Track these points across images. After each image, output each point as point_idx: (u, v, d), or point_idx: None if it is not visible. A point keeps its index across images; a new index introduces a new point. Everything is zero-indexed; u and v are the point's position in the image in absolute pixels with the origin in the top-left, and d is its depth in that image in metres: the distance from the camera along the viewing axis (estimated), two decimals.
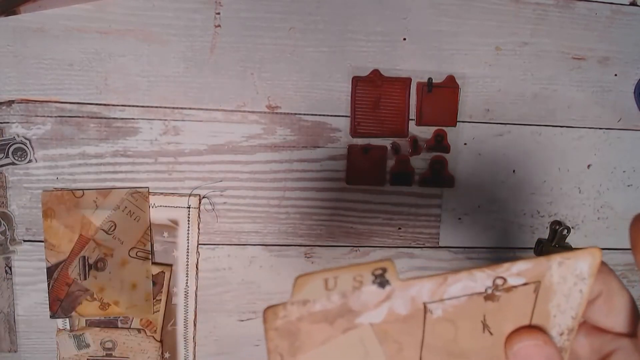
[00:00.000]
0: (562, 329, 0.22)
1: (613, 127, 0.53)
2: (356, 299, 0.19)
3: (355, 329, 0.20)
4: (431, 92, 0.48)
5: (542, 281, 0.21)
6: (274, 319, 0.19)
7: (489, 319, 0.21)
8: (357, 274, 0.19)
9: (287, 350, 0.20)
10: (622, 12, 0.51)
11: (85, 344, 0.47)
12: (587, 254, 0.21)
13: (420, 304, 0.20)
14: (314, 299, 0.19)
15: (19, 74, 0.44)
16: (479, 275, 0.20)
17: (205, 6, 0.45)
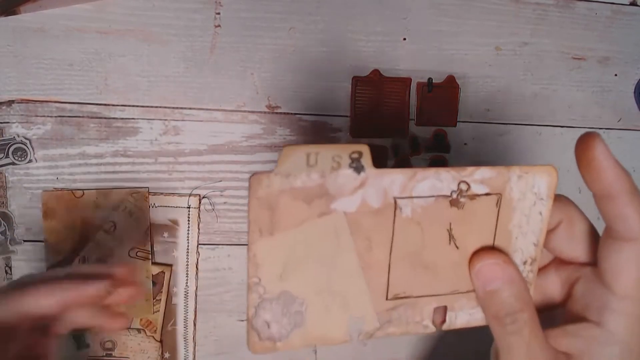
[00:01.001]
0: (524, 256, 0.23)
1: (613, 127, 0.53)
2: (333, 180, 0.20)
3: (330, 214, 0.21)
4: (431, 92, 0.48)
5: (504, 194, 0.22)
6: (258, 187, 0.20)
7: (455, 229, 0.22)
8: (336, 154, 0.20)
9: (267, 224, 0.20)
10: (622, 12, 0.51)
11: (85, 344, 0.47)
12: (544, 170, 0.22)
13: (391, 199, 0.21)
14: (295, 173, 0.20)
15: (19, 74, 0.44)
16: (445, 175, 0.22)
17: (205, 6, 0.45)
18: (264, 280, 0.21)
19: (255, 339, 0.21)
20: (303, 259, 0.21)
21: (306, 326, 0.22)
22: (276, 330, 0.22)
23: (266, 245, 0.21)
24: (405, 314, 0.23)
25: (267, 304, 0.21)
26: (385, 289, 0.22)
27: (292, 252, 0.21)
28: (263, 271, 0.21)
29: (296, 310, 0.22)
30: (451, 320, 0.24)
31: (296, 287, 0.21)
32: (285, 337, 0.22)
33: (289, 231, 0.21)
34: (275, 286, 0.21)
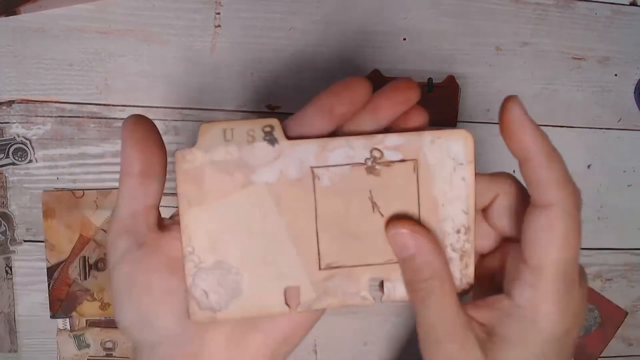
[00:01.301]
0: (456, 224, 0.23)
1: (613, 127, 0.53)
2: (250, 153, 0.22)
3: (252, 186, 0.22)
4: (431, 92, 0.48)
5: (419, 160, 0.23)
6: (182, 161, 0.22)
7: (376, 196, 0.23)
8: (249, 129, 0.22)
9: (194, 196, 0.22)
10: (622, 12, 0.51)
11: (85, 344, 0.47)
12: (457, 134, 0.23)
13: (307, 168, 0.22)
14: (215, 147, 0.22)
15: (19, 74, 0.44)
16: (356, 143, 0.22)
17: (205, 6, 0.45)
18: (198, 249, 0.22)
19: (195, 308, 0.22)
20: (234, 230, 0.22)
21: (244, 297, 0.23)
22: (215, 300, 0.22)
23: (196, 216, 0.22)
24: (341, 284, 0.23)
25: (204, 273, 0.22)
26: (317, 259, 0.23)
27: (222, 222, 0.22)
28: (196, 241, 0.22)
29: (232, 280, 0.22)
30: (389, 292, 0.24)
31: (230, 257, 0.22)
32: (224, 307, 0.22)
33: (217, 202, 0.22)
34: (209, 256, 0.22)
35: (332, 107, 0.22)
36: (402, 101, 0.22)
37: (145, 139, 0.23)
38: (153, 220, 0.23)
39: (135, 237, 0.23)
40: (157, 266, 0.23)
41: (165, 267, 0.23)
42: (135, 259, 0.23)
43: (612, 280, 0.55)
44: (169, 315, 0.23)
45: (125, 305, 0.23)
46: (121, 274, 0.23)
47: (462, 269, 0.24)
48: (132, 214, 0.23)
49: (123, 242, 0.23)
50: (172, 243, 0.23)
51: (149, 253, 0.23)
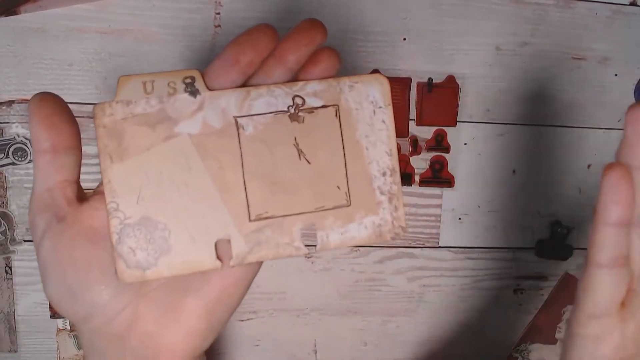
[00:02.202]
0: (381, 167, 0.24)
1: (613, 127, 0.53)
2: (172, 105, 0.22)
3: (175, 138, 0.22)
4: (431, 92, 0.48)
5: (340, 105, 0.23)
6: (102, 115, 0.21)
7: (302, 143, 0.23)
8: (170, 80, 0.22)
9: (115, 151, 0.22)
10: (622, 12, 0.51)
11: None
12: (374, 78, 0.23)
13: (231, 118, 0.22)
14: (135, 100, 0.21)
15: (19, 74, 0.44)
16: (278, 91, 0.22)
17: (205, 6, 0.46)
18: (122, 205, 0.22)
19: (122, 267, 0.22)
20: (157, 184, 0.22)
21: (173, 253, 0.22)
22: (142, 257, 0.22)
23: (119, 171, 0.22)
24: (273, 235, 0.23)
25: (130, 230, 0.22)
26: (246, 210, 0.23)
27: (145, 177, 0.22)
28: (120, 196, 0.22)
29: (160, 236, 0.22)
30: (323, 241, 0.23)
31: (155, 212, 0.22)
32: (153, 264, 0.22)
33: (139, 156, 0.22)
34: (134, 211, 0.22)
35: (237, 57, 0.22)
36: (307, 42, 0.22)
37: (51, 115, 0.22)
38: (72, 194, 0.23)
39: (54, 211, 0.22)
40: (78, 238, 0.22)
41: (87, 237, 0.22)
42: (56, 234, 0.22)
43: None
44: (95, 286, 0.22)
45: (51, 279, 0.22)
46: (44, 250, 0.22)
47: (392, 211, 0.24)
48: (48, 189, 0.22)
49: (43, 218, 0.22)
50: (92, 213, 0.23)
51: (70, 226, 0.22)
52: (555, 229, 0.52)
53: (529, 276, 0.53)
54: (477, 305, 0.53)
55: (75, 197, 0.23)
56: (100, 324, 0.22)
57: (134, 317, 0.23)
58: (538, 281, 0.54)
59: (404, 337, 0.52)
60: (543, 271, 0.54)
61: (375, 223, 0.24)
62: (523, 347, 0.55)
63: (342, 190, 0.23)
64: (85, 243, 0.22)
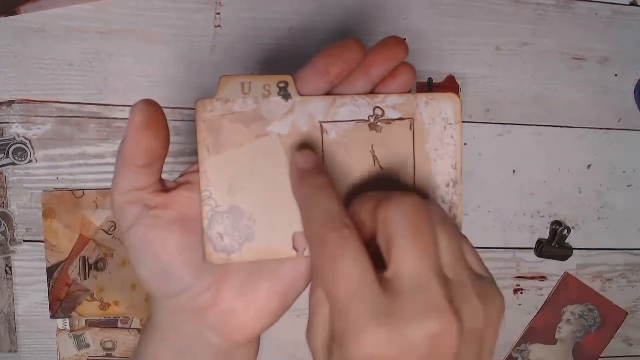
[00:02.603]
0: (445, 178, 0.25)
1: (613, 127, 0.53)
2: (266, 106, 0.24)
3: (267, 136, 0.24)
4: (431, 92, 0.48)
5: (415, 118, 0.25)
6: (203, 111, 0.24)
7: (377, 150, 0.25)
8: (265, 83, 0.24)
9: (212, 144, 0.24)
10: (622, 12, 0.51)
11: (85, 344, 0.47)
12: (447, 97, 0.25)
13: (317, 122, 0.24)
14: (233, 99, 0.23)
15: (19, 74, 0.44)
16: (361, 101, 0.24)
17: (205, 6, 0.45)
18: (215, 194, 0.24)
19: (210, 249, 0.24)
20: (248, 177, 0.24)
21: (255, 241, 0.24)
22: (229, 242, 0.24)
23: (214, 162, 0.24)
24: None
25: (219, 217, 0.24)
26: None
27: (238, 169, 0.24)
28: (213, 186, 0.24)
29: (245, 224, 0.24)
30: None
31: (244, 202, 0.24)
32: (237, 249, 0.24)
33: (233, 150, 0.24)
34: (225, 200, 0.24)
35: (327, 67, 0.23)
36: (392, 57, 0.24)
37: (153, 133, 0.23)
38: (158, 187, 0.25)
39: (144, 203, 0.24)
40: (170, 224, 0.24)
41: (178, 224, 0.24)
42: (147, 222, 0.24)
43: (612, 280, 0.55)
44: (184, 267, 0.24)
45: (143, 261, 0.24)
46: (136, 236, 0.24)
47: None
48: (136, 188, 0.24)
49: (132, 208, 0.24)
50: (181, 200, 0.24)
51: (161, 213, 0.24)
52: (555, 229, 0.52)
53: (528, 276, 0.53)
54: None
55: (161, 189, 0.25)
56: (187, 300, 0.24)
57: (216, 295, 0.24)
58: (538, 281, 0.54)
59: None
60: (543, 271, 0.54)
61: None
62: (523, 347, 0.55)
63: None
64: (176, 228, 0.24)
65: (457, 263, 0.21)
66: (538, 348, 0.55)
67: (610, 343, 0.56)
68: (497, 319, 0.22)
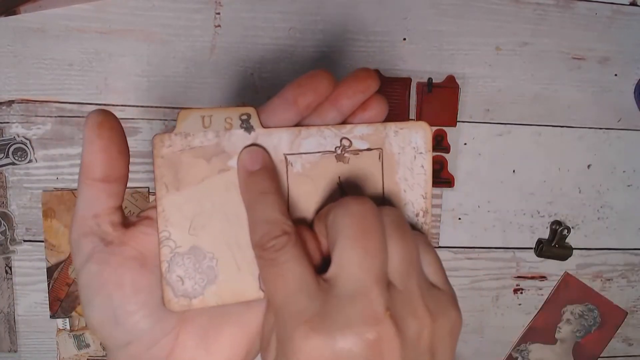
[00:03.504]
0: (415, 208, 0.25)
1: (613, 127, 0.53)
2: (227, 140, 0.23)
3: (229, 171, 0.23)
4: (431, 92, 0.48)
5: (384, 149, 0.24)
6: (160, 146, 0.22)
7: (344, 181, 0.24)
8: (227, 116, 0.23)
9: (171, 181, 0.22)
10: (622, 12, 0.51)
11: (85, 344, 0.47)
12: (418, 126, 0.24)
13: (281, 155, 0.23)
14: (193, 133, 0.22)
15: (19, 74, 0.44)
16: (327, 132, 0.23)
17: (205, 6, 0.45)
18: (174, 234, 0.22)
19: (170, 295, 0.22)
20: (209, 215, 0.23)
21: (219, 282, 0.23)
22: (190, 286, 0.22)
23: (173, 200, 0.22)
24: None
25: (179, 258, 0.22)
26: None
27: (199, 207, 0.22)
28: (172, 225, 0.22)
29: (208, 266, 0.22)
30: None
31: (205, 241, 0.22)
32: (200, 294, 0.22)
33: (193, 187, 0.22)
34: (185, 240, 0.22)
35: (296, 98, 0.22)
36: (362, 90, 0.23)
37: (110, 143, 0.22)
38: (117, 219, 0.23)
39: (100, 236, 0.22)
40: (127, 262, 0.22)
41: (136, 262, 0.22)
42: (103, 258, 0.22)
43: (612, 280, 0.55)
44: (140, 312, 0.22)
45: (95, 303, 0.22)
46: (90, 273, 0.22)
47: None
48: (94, 215, 0.22)
49: (88, 242, 0.22)
50: (140, 237, 0.23)
51: (117, 250, 0.22)
52: (555, 229, 0.52)
53: (528, 276, 0.53)
54: (477, 305, 0.53)
55: (121, 223, 0.23)
56: (140, 351, 0.22)
57: (174, 344, 0.22)
58: (538, 281, 0.54)
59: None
60: (543, 271, 0.54)
61: None
62: (523, 347, 0.55)
63: None
64: (133, 267, 0.22)
65: (408, 272, 0.20)
66: (538, 348, 0.55)
67: (610, 343, 0.56)
68: (448, 334, 0.21)
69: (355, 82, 0.23)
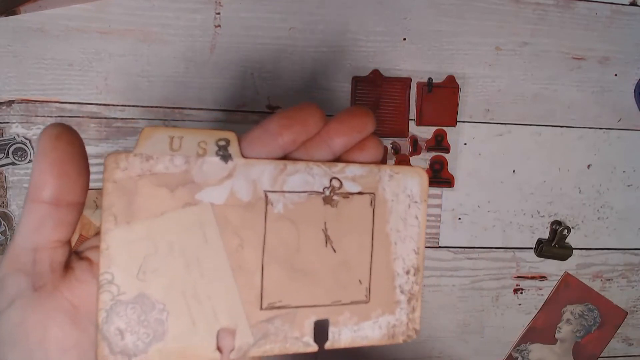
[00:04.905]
0: (406, 265, 0.22)
1: (613, 127, 0.53)
2: (199, 168, 0.19)
3: (196, 205, 0.19)
4: (431, 92, 0.48)
5: (376, 194, 0.21)
6: (114, 168, 0.18)
7: (330, 230, 0.21)
8: (202, 140, 0.19)
9: (123, 212, 0.18)
10: (622, 12, 0.51)
11: None
12: (414, 171, 0.22)
13: (261, 192, 0.20)
14: (157, 156, 0.19)
15: (19, 74, 0.44)
16: (316, 170, 0.20)
17: (205, 6, 0.46)
18: (118, 277, 0.18)
19: (105, 351, 0.18)
20: (164, 257, 0.19)
21: (168, 339, 0.19)
22: (131, 342, 0.19)
23: (122, 236, 0.18)
24: (282, 327, 0.20)
25: (122, 307, 0.19)
26: (259, 296, 0.20)
27: (152, 246, 0.19)
28: (117, 266, 0.18)
29: (156, 319, 0.19)
30: (334, 338, 0.21)
31: (156, 289, 0.19)
32: (142, 351, 0.19)
33: (149, 221, 0.19)
34: (131, 286, 0.19)
35: (281, 130, 0.19)
36: (359, 128, 0.20)
37: (64, 161, 0.18)
38: (60, 259, 0.19)
39: (32, 277, 0.19)
40: (55, 314, 0.18)
41: (66, 316, 0.19)
42: (28, 305, 0.18)
43: (612, 280, 0.55)
44: None
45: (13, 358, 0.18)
46: (10, 321, 0.18)
47: (409, 312, 0.22)
48: (33, 248, 0.19)
49: (15, 281, 0.19)
50: (76, 287, 0.19)
51: (47, 298, 0.19)
52: (555, 229, 0.52)
53: (528, 276, 0.54)
54: (477, 305, 0.53)
55: (62, 263, 0.19)
56: None
57: None
58: (538, 281, 0.54)
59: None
60: (543, 271, 0.54)
61: (390, 323, 0.22)
62: (523, 347, 0.55)
63: (364, 285, 0.22)
64: (63, 322, 0.19)
65: None
66: (538, 348, 0.55)
67: (610, 343, 0.56)
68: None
69: (352, 119, 0.21)
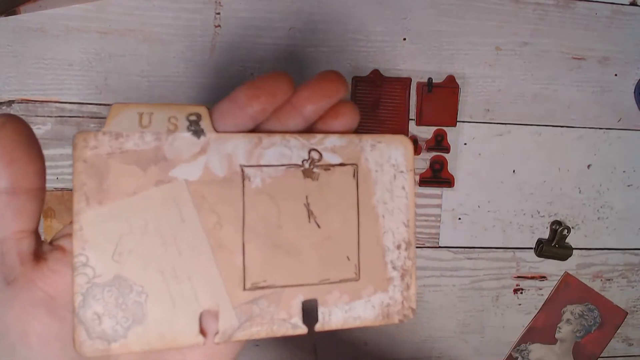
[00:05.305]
0: (396, 239, 0.21)
1: (613, 127, 0.53)
2: (170, 144, 0.18)
3: (169, 183, 0.18)
4: (431, 92, 0.49)
5: (359, 165, 0.20)
6: (83, 147, 0.18)
7: (313, 204, 0.20)
8: (172, 115, 0.18)
9: (94, 191, 0.18)
10: (622, 12, 0.51)
11: None
12: (397, 140, 0.21)
13: (237, 167, 0.19)
14: (126, 133, 0.18)
15: (19, 74, 0.44)
16: (293, 142, 0.20)
17: (205, 6, 0.46)
18: (93, 259, 0.18)
19: (83, 336, 0.17)
20: (140, 236, 0.18)
21: (147, 323, 0.18)
22: (110, 326, 0.18)
23: (95, 216, 0.18)
24: (268, 308, 0.19)
25: (98, 290, 0.18)
26: (241, 276, 0.19)
27: (127, 226, 0.18)
28: (92, 248, 0.18)
29: (134, 301, 0.18)
30: (325, 319, 0.20)
31: (133, 270, 0.18)
32: (121, 336, 0.18)
33: (122, 201, 0.18)
34: (107, 268, 0.18)
35: (249, 100, 0.19)
36: (331, 93, 0.20)
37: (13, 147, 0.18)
38: (27, 249, 0.19)
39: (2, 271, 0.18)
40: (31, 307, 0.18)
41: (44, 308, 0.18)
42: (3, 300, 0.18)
43: (612, 280, 0.55)
44: None
45: None
46: None
47: (403, 290, 0.21)
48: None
49: None
50: (50, 277, 0.18)
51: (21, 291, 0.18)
52: (555, 229, 0.52)
53: (528, 276, 0.54)
54: (477, 305, 0.53)
55: (31, 254, 0.19)
56: None
57: None
58: (538, 281, 0.54)
59: (404, 337, 0.52)
60: (543, 271, 0.54)
61: (384, 302, 0.21)
62: (523, 347, 0.55)
63: (352, 261, 0.20)
64: (41, 314, 0.18)
65: None
66: (538, 348, 0.55)
67: (610, 343, 0.56)
68: None
69: (322, 84, 0.20)
